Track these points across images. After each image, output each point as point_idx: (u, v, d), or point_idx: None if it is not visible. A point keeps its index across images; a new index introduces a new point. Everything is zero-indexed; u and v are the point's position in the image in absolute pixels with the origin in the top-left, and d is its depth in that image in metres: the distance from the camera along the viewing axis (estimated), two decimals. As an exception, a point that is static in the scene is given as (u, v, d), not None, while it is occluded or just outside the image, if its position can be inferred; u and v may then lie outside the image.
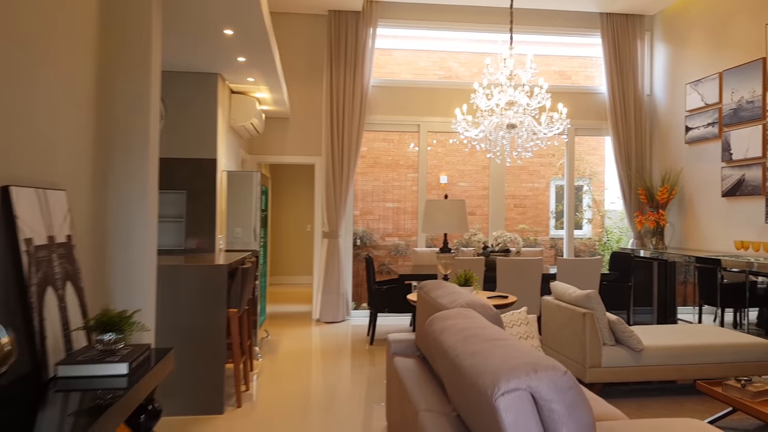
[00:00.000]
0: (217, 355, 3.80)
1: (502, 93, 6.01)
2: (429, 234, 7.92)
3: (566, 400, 1.54)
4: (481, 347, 1.90)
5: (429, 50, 9.43)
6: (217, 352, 3.80)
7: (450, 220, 4.05)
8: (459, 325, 2.29)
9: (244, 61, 4.81)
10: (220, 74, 5.23)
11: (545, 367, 1.59)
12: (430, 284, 3.43)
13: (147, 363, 2.21)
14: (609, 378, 4.21)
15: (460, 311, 2.53)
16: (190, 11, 3.67)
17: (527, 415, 1.53)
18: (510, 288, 5.85)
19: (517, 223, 10.09)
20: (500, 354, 1.76)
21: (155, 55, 3.02)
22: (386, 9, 7.54)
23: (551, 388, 1.55)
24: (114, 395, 1.83)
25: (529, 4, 7.62)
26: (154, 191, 3.07)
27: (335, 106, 7.28)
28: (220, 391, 3.81)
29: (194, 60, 4.75)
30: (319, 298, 7.34)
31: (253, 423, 3.65)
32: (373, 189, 9.98)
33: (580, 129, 8.14)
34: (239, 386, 4.01)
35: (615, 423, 2.58)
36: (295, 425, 3.63)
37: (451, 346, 2.08)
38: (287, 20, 7.49)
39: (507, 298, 4.38)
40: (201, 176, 5.05)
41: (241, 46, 4.39)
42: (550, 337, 4.85)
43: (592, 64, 9.50)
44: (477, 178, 9.88)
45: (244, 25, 3.93)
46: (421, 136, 7.88)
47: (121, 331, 2.15)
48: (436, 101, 7.86)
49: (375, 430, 3.56)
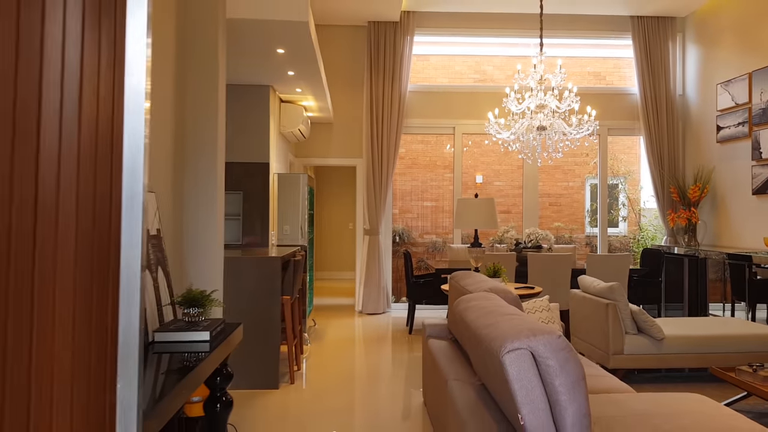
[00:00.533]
0: (273, 338, 4.31)
1: (533, 97, 6.34)
2: (462, 229, 8.30)
3: (559, 358, 1.94)
4: (496, 320, 2.32)
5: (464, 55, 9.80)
6: (273, 335, 4.31)
7: (480, 217, 4.45)
8: (480, 305, 2.70)
9: (293, 75, 5.32)
10: (271, 86, 5.77)
11: (543, 332, 1.99)
12: (461, 274, 3.84)
13: (223, 333, 2.72)
14: (631, 364, 4.52)
15: (483, 294, 2.95)
16: (250, 34, 4.19)
17: (528, 368, 1.94)
18: (540, 282, 6.18)
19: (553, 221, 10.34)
20: (509, 324, 2.18)
21: (221, 73, 3.54)
22: (422, 18, 7.96)
23: (547, 347, 1.95)
24: (199, 357, 2.33)
25: (560, 9, 7.90)
26: (221, 192, 3.58)
27: (375, 111, 7.75)
28: (275, 369, 4.33)
29: (250, 74, 5.29)
30: (361, 291, 7.83)
31: (304, 397, 4.15)
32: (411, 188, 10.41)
33: (613, 129, 8.36)
34: (292, 366, 4.51)
35: (620, 395, 2.94)
36: (342, 399, 4.10)
37: (473, 321, 2.50)
38: (330, 32, 7.99)
39: (533, 289, 4.74)
40: (255, 178, 5.60)
41: (291, 62, 4.89)
42: (577, 326, 5.18)
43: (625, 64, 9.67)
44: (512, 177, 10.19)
45: (294, 44, 4.43)
46: (457, 138, 8.26)
47: (202, 306, 2.66)
48: (470, 104, 8.22)
49: (413, 405, 4.00)
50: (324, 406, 3.96)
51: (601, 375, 3.36)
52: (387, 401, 4.08)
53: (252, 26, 4.01)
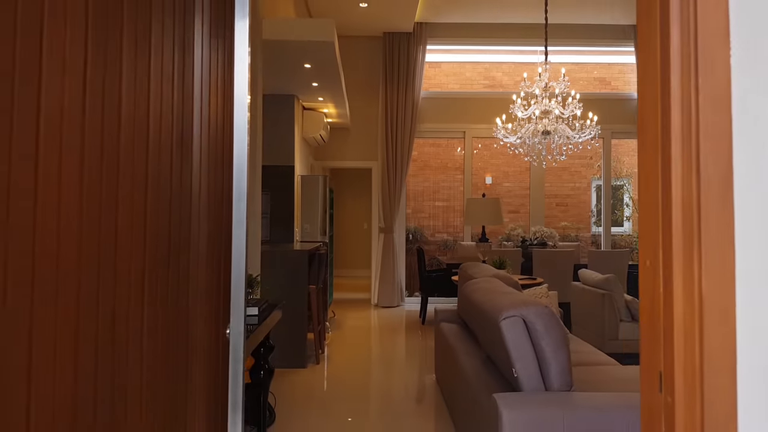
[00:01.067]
0: (301, 322, 4.83)
1: (538, 103, 6.80)
2: (471, 226, 8.76)
3: (545, 323, 2.43)
4: (496, 296, 2.81)
5: (474, 62, 10.28)
6: (301, 319, 4.83)
7: (487, 215, 4.93)
8: (484, 287, 3.19)
9: (316, 86, 5.84)
10: (296, 95, 6.30)
11: (533, 304, 2.48)
12: (469, 264, 4.33)
13: (267, 310, 3.23)
14: (625, 349, 4.97)
15: (487, 279, 3.44)
16: (282, 52, 4.71)
17: (520, 332, 2.43)
18: (544, 276, 6.64)
19: (560, 221, 10.76)
20: (506, 299, 2.67)
21: (259, 88, 4.06)
22: (434, 29, 8.46)
23: (535, 315, 2.44)
24: (250, 330, 2.83)
25: (565, 19, 8.35)
26: (258, 191, 4.11)
27: (390, 116, 8.26)
28: (303, 350, 4.84)
29: (279, 86, 5.83)
30: (377, 285, 8.33)
31: (330, 375, 4.66)
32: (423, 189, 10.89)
33: (618, 132, 8.79)
34: (317, 348, 5.03)
35: (605, 366, 3.41)
36: (362, 377, 4.61)
37: (477, 299, 3.00)
38: (348, 42, 8.51)
39: (535, 280, 5.21)
40: (282, 180, 6.13)
41: (315, 75, 5.42)
42: (577, 316, 5.64)
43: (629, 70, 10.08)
44: (520, 178, 10.63)
45: (320, 60, 4.95)
46: (467, 141, 8.74)
47: (251, 286, 3.18)
48: (480, 109, 8.70)
49: (426, 384, 4.50)
50: (347, 383, 4.46)
51: (592, 352, 3.83)
52: (403, 379, 4.57)
53: (285, 46, 4.53)
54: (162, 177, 1.23)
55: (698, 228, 0.77)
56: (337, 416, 3.73)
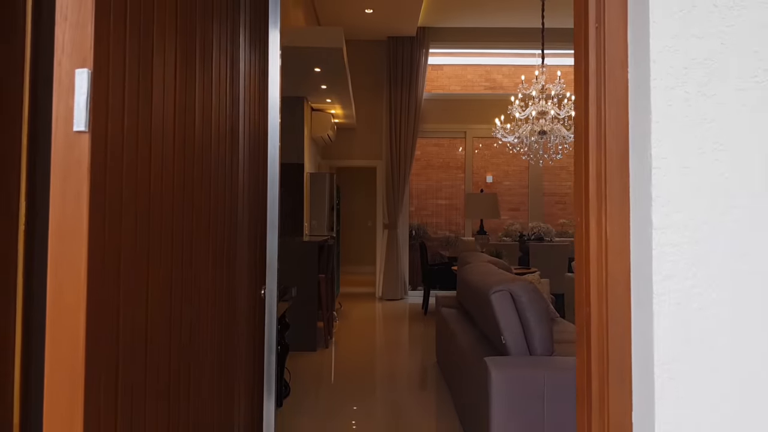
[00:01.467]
0: (312, 307, 5.19)
1: (534, 105, 7.15)
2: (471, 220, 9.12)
3: (529, 296, 2.78)
4: (488, 277, 3.17)
5: (475, 64, 10.63)
6: (312, 305, 5.19)
7: (485, 209, 5.29)
8: (480, 270, 3.55)
9: (325, 88, 6.21)
10: (305, 97, 6.67)
11: (519, 280, 2.84)
12: (468, 254, 4.69)
13: (284, 292, 3.59)
14: (613, 334, 5.31)
15: (482, 263, 3.79)
16: (295, 58, 5.08)
17: (507, 304, 2.79)
18: (540, 268, 6.99)
19: (558, 218, 11.09)
20: (497, 277, 3.03)
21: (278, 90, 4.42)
22: (436, 34, 8.82)
23: (521, 290, 2.79)
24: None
25: (561, 24, 8.69)
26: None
27: (393, 117, 8.62)
28: (313, 335, 5.20)
29: (290, 88, 6.20)
30: (381, 279, 8.69)
31: (338, 358, 5.02)
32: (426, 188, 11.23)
33: (612, 132, 9.12)
34: (326, 334, 5.39)
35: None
36: (369, 360, 4.97)
37: (472, 279, 3.35)
38: (354, 46, 8.88)
39: (529, 269, 5.57)
40: (292, 177, 6.50)
41: (324, 78, 5.78)
42: (571, 304, 5.99)
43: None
44: (520, 177, 10.97)
45: (329, 65, 5.31)
46: (468, 141, 9.09)
47: (270, 270, 3.54)
48: (481, 110, 9.06)
49: (427, 363, 4.85)
50: (354, 364, 4.82)
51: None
52: (405, 362, 4.93)
53: (297, 52, 4.90)
54: (220, 170, 1.60)
55: (605, 191, 1.12)
56: (345, 392, 4.10)
